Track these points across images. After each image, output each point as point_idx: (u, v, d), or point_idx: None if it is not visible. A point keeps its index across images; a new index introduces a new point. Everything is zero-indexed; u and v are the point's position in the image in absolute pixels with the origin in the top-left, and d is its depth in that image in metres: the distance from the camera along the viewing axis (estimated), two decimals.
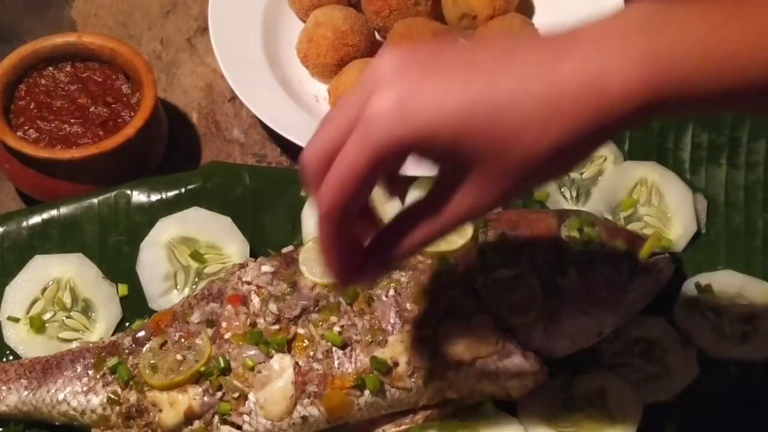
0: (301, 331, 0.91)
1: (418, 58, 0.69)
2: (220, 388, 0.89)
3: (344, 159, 0.69)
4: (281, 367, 0.90)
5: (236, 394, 0.89)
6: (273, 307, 0.92)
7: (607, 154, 1.10)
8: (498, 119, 0.67)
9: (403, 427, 0.93)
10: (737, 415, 0.97)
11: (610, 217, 1.06)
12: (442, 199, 0.72)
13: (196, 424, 0.90)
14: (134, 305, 1.03)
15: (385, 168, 0.70)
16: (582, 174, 1.09)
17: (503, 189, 0.70)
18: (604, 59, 0.67)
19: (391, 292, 0.92)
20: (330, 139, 0.70)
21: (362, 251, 0.76)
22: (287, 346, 0.91)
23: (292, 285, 0.93)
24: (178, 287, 1.02)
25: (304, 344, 0.91)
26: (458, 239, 0.95)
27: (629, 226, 1.05)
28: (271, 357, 0.90)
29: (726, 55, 0.67)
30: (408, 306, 0.92)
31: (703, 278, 1.03)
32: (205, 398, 0.89)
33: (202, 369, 0.90)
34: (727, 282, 1.03)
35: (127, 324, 1.01)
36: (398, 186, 0.78)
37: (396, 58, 0.69)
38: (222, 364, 0.90)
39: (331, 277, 0.77)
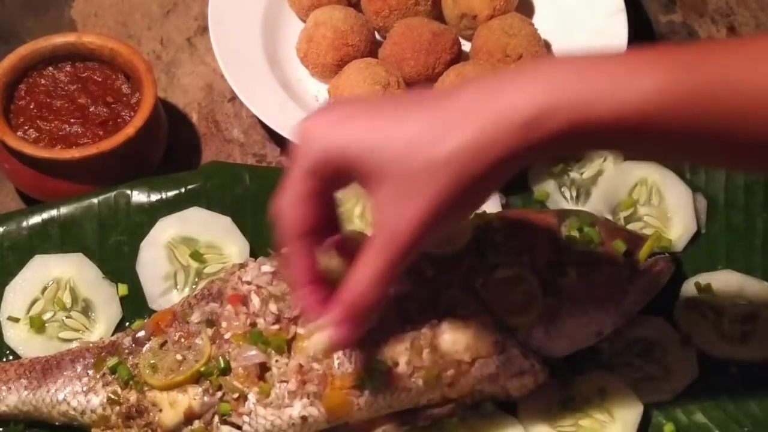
0: (301, 331, 0.91)
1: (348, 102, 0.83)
2: (220, 388, 0.89)
3: (286, 175, 0.80)
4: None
5: (236, 395, 0.89)
6: (273, 307, 0.92)
7: (607, 154, 1.10)
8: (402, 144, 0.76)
9: (404, 427, 0.93)
10: (737, 415, 0.97)
11: (610, 217, 1.06)
12: (379, 224, 0.79)
13: (196, 424, 0.89)
14: (134, 305, 1.02)
15: (323, 182, 0.79)
16: (582, 174, 1.09)
17: (417, 207, 0.76)
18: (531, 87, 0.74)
19: (391, 291, 0.92)
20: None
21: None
22: (287, 346, 0.91)
23: (292, 285, 0.93)
24: (178, 287, 1.02)
25: (304, 344, 0.91)
26: (458, 239, 0.95)
27: (629, 226, 1.05)
28: (271, 357, 0.90)
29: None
30: (408, 306, 0.92)
31: (703, 278, 1.03)
32: (205, 398, 0.89)
33: (202, 369, 0.90)
34: (727, 282, 1.03)
35: (127, 324, 1.01)
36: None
37: (330, 105, 0.82)
38: (222, 364, 0.89)
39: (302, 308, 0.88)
